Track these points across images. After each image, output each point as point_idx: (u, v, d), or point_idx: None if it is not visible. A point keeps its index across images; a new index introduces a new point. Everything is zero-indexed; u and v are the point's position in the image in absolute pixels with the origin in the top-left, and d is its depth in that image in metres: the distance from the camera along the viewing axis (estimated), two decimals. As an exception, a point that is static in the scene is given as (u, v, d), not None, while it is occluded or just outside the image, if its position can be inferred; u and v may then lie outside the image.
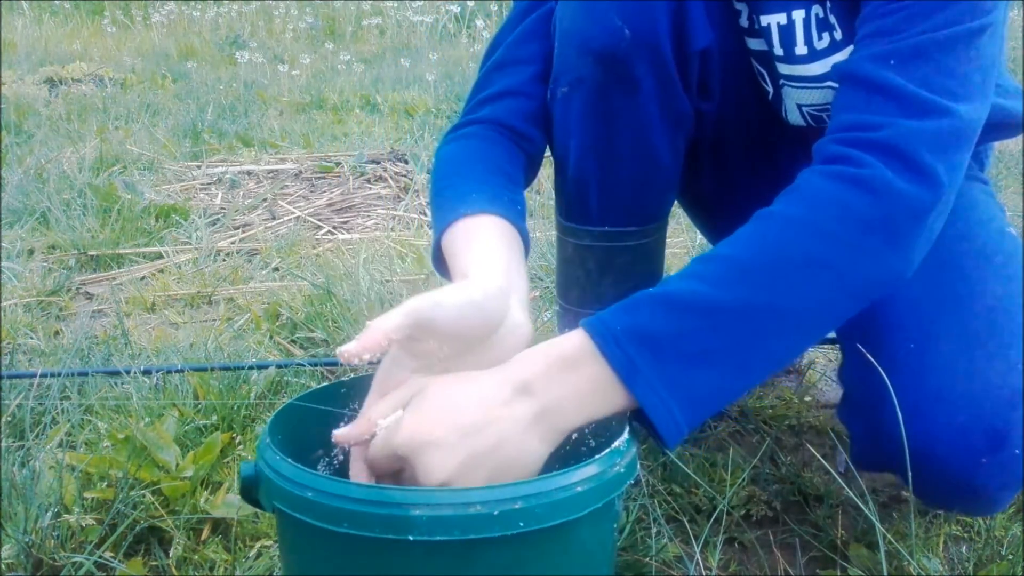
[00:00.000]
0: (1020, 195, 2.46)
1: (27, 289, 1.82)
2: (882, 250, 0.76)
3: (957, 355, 0.83)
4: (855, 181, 0.76)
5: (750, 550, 1.03)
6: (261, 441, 0.71)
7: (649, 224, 1.07)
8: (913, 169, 0.76)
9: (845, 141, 0.78)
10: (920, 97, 0.77)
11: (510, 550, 0.63)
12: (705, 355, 0.71)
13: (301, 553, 0.69)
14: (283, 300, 1.72)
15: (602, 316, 0.73)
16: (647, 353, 0.70)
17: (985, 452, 0.80)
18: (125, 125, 3.45)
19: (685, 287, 0.73)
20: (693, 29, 0.94)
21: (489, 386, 0.70)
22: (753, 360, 0.75)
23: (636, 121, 0.97)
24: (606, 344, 0.71)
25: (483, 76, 1.03)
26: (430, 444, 0.67)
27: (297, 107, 4.01)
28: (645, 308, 0.72)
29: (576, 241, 1.07)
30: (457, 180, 0.91)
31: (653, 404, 0.70)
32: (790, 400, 1.33)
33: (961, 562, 0.98)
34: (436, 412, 0.69)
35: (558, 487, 0.63)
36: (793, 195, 0.78)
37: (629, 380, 0.70)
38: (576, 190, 1.04)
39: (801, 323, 0.76)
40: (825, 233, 0.75)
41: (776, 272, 0.74)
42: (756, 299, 0.73)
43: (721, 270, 0.74)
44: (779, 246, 0.75)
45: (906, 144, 0.76)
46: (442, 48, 5.72)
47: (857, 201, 0.75)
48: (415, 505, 0.60)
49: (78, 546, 0.97)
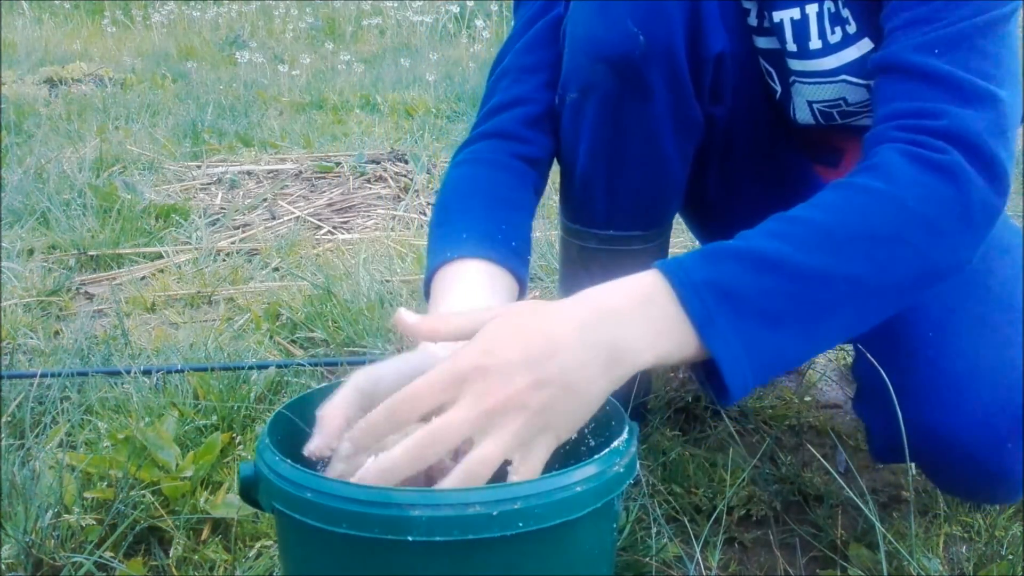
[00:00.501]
0: (1020, 195, 2.46)
1: (27, 289, 1.82)
2: (959, 235, 0.76)
3: (976, 342, 0.83)
4: (936, 166, 0.75)
5: (750, 550, 1.03)
6: (260, 442, 0.70)
7: (654, 228, 1.07)
8: (981, 159, 0.76)
9: (910, 128, 0.78)
10: (969, 83, 0.77)
11: (509, 550, 0.63)
12: (781, 317, 0.70)
13: (300, 554, 0.69)
14: (283, 300, 1.72)
15: (682, 262, 0.71)
16: (727, 308, 0.69)
17: (1009, 437, 0.80)
18: (125, 125, 3.45)
19: (770, 246, 0.71)
20: (708, 34, 0.94)
21: (560, 314, 0.67)
22: (825, 328, 0.74)
23: (647, 129, 0.97)
24: (685, 293, 0.69)
25: (491, 85, 1.03)
26: (494, 366, 0.64)
27: (297, 107, 4.01)
28: (728, 262, 0.70)
29: (580, 243, 1.07)
30: (454, 216, 0.91)
31: (726, 359, 0.68)
32: (790, 400, 1.33)
33: (961, 562, 0.98)
34: (507, 336, 0.66)
35: (557, 487, 0.63)
36: (875, 170, 0.76)
37: (705, 332, 0.68)
38: (582, 194, 1.03)
39: (876, 297, 0.75)
40: (909, 211, 0.74)
41: (860, 243, 0.73)
42: (838, 267, 0.72)
43: (806, 233, 0.73)
44: (864, 217, 0.74)
45: (972, 134, 0.76)
46: (442, 48, 5.72)
47: (940, 185, 0.75)
48: (414, 506, 0.60)
49: (78, 546, 0.97)
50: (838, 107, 0.97)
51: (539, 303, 0.70)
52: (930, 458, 0.85)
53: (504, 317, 0.68)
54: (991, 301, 0.86)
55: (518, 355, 0.64)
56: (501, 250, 0.86)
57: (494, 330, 0.66)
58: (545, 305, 0.69)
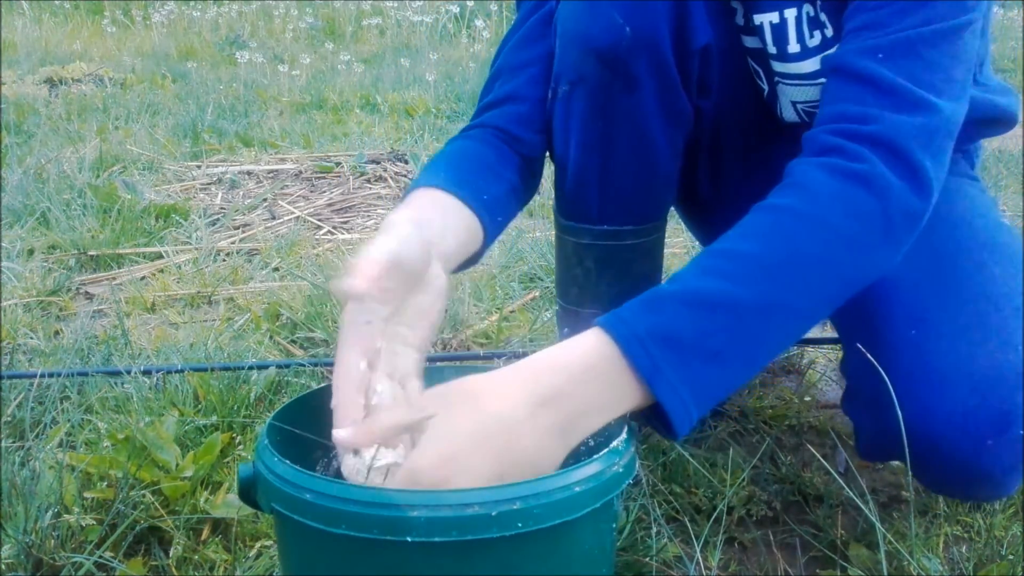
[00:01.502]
0: (1020, 195, 2.46)
1: (27, 289, 1.82)
2: (879, 245, 0.78)
3: (957, 339, 0.84)
4: (855, 177, 0.77)
5: (750, 550, 1.03)
6: (259, 443, 0.70)
7: (648, 223, 1.07)
8: (905, 165, 0.77)
9: (837, 132, 0.80)
10: (907, 91, 0.79)
11: (509, 551, 0.63)
12: (722, 353, 0.73)
13: (300, 554, 0.69)
14: (283, 300, 1.72)
15: (622, 316, 0.73)
16: (671, 354, 0.71)
17: (990, 434, 0.80)
18: (125, 125, 3.45)
19: (706, 285, 0.74)
20: (693, 27, 0.95)
21: (511, 405, 0.69)
22: (761, 354, 0.77)
23: (636, 119, 0.98)
24: (630, 347, 0.71)
25: (486, 83, 1.05)
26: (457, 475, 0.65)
27: (297, 107, 4.01)
28: (668, 307, 0.73)
29: (575, 240, 1.07)
30: (439, 165, 0.93)
31: (672, 403, 0.71)
32: (790, 400, 1.33)
33: (961, 562, 0.98)
34: (459, 441, 0.67)
35: (556, 487, 0.63)
36: (796, 189, 0.79)
37: (652, 382, 0.70)
38: (576, 188, 1.04)
39: (808, 317, 0.78)
40: (834, 230, 0.76)
41: (789, 269, 0.75)
42: (772, 297, 0.74)
43: (739, 267, 0.75)
44: (793, 243, 0.76)
45: (898, 139, 0.77)
46: (442, 48, 5.72)
47: (860, 197, 0.77)
48: (413, 506, 0.60)
49: (78, 546, 0.97)
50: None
51: (474, 388, 0.70)
52: (914, 457, 0.85)
53: (448, 415, 0.68)
54: (978, 301, 0.86)
55: (478, 462, 0.66)
56: (469, 194, 0.88)
57: (448, 430, 0.67)
58: (486, 392, 0.70)
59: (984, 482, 0.85)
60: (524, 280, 1.86)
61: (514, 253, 1.96)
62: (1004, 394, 0.80)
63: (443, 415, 0.68)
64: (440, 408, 0.68)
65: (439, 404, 0.69)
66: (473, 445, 0.67)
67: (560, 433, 0.70)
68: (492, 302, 1.74)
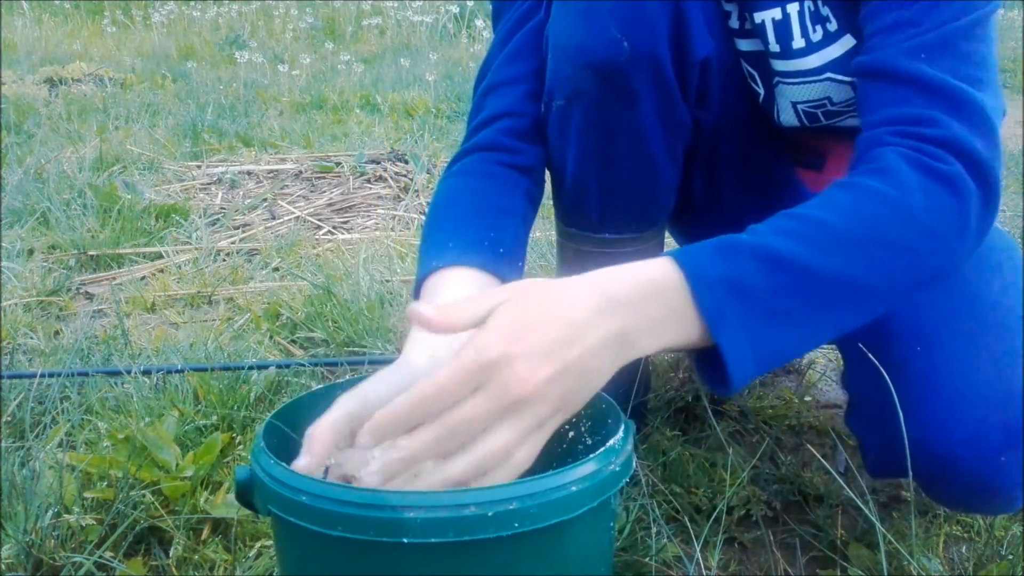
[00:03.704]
0: (1020, 195, 2.46)
1: (27, 289, 1.82)
2: (955, 246, 0.77)
3: (966, 355, 0.83)
4: (940, 176, 0.76)
5: (750, 550, 1.03)
6: (255, 445, 0.70)
7: (648, 230, 1.07)
8: (982, 174, 0.77)
9: (908, 135, 0.78)
10: (960, 92, 0.78)
11: (505, 551, 0.63)
12: (788, 314, 0.71)
13: (296, 556, 0.69)
14: (283, 300, 1.72)
15: (696, 256, 0.71)
16: (738, 304, 0.70)
17: (1003, 450, 0.80)
18: (125, 125, 3.45)
19: (783, 244, 0.72)
20: (693, 39, 0.94)
21: (574, 299, 0.68)
22: (825, 326, 0.75)
23: (636, 133, 0.97)
24: (699, 288, 0.69)
25: (476, 102, 1.03)
26: (521, 355, 0.64)
27: (297, 107, 4.01)
28: (742, 257, 0.71)
29: (576, 246, 1.07)
30: (442, 225, 0.91)
31: (732, 352, 0.69)
32: (790, 400, 1.33)
33: (961, 562, 0.98)
34: (525, 323, 0.66)
35: (553, 487, 0.63)
36: (883, 174, 0.77)
37: (715, 326, 0.69)
38: (576, 200, 1.04)
39: (872, 298, 0.76)
40: (915, 220, 0.75)
41: (867, 247, 0.74)
42: (844, 270, 0.73)
43: (818, 234, 0.73)
44: (874, 222, 0.75)
45: (971, 147, 0.77)
46: (442, 48, 5.72)
47: (944, 196, 0.76)
48: (409, 508, 0.60)
49: (78, 546, 0.97)
50: (823, 107, 0.97)
51: (545, 284, 0.69)
52: (924, 474, 0.84)
53: (516, 301, 0.67)
54: (983, 316, 0.86)
55: (540, 344, 0.65)
56: (487, 256, 0.86)
57: (512, 316, 0.66)
58: (554, 287, 0.69)
59: (996, 497, 0.84)
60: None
61: (514, 253, 1.96)
62: (1015, 409, 0.80)
63: (512, 301, 0.67)
64: (509, 297, 0.68)
65: (508, 294, 0.68)
66: (537, 332, 0.65)
67: (615, 342, 0.68)
68: (492, 302, 1.73)
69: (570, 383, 0.66)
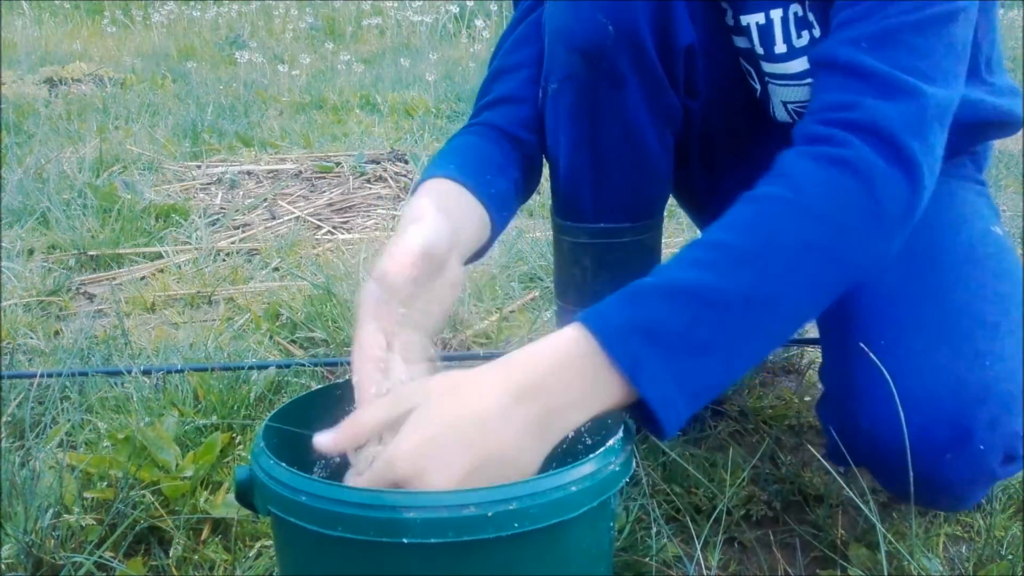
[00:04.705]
0: (1020, 195, 2.46)
1: (27, 289, 1.82)
2: (870, 233, 0.77)
3: (925, 350, 0.84)
4: (840, 162, 0.76)
5: (750, 550, 1.03)
6: (255, 445, 0.71)
7: (644, 220, 1.07)
8: (892, 150, 0.76)
9: (824, 121, 0.79)
10: (892, 77, 0.78)
11: (505, 551, 0.63)
12: (709, 345, 0.70)
13: (296, 557, 0.69)
14: (283, 300, 1.72)
15: (601, 310, 0.71)
16: (652, 348, 0.69)
17: (949, 448, 0.80)
18: (125, 125, 3.45)
19: (687, 276, 0.72)
20: (676, 27, 0.96)
21: (486, 395, 0.68)
22: (752, 347, 0.75)
23: (623, 116, 0.99)
24: (610, 341, 0.69)
25: (483, 85, 1.05)
26: (433, 467, 0.65)
27: (297, 107, 4.01)
28: (647, 300, 0.71)
29: (572, 239, 1.08)
30: (447, 157, 0.94)
31: (658, 399, 0.69)
32: (790, 400, 1.33)
33: (961, 562, 0.98)
34: (437, 429, 0.66)
35: (553, 487, 0.63)
36: (781, 178, 0.77)
37: (635, 377, 0.68)
38: (569, 187, 1.04)
39: (797, 308, 0.76)
40: (818, 216, 0.75)
41: (773, 258, 0.73)
42: (759, 287, 0.72)
43: (721, 257, 0.73)
44: (776, 231, 0.74)
45: (883, 124, 0.76)
46: (442, 48, 5.72)
47: (844, 183, 0.75)
48: (409, 508, 0.60)
49: (78, 546, 0.97)
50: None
51: (456, 381, 0.69)
52: (875, 465, 0.85)
53: (428, 405, 0.68)
54: (949, 313, 0.86)
55: (453, 451, 0.65)
56: (479, 183, 0.89)
57: (422, 423, 0.67)
58: (465, 384, 0.69)
59: (945, 493, 0.85)
60: (524, 280, 1.86)
61: (514, 253, 1.96)
62: (965, 408, 0.80)
63: (422, 407, 0.67)
64: (420, 401, 0.68)
65: (419, 397, 0.69)
66: (449, 438, 0.66)
67: (537, 428, 0.68)
68: (492, 302, 1.74)
69: (491, 475, 0.66)
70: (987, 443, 0.81)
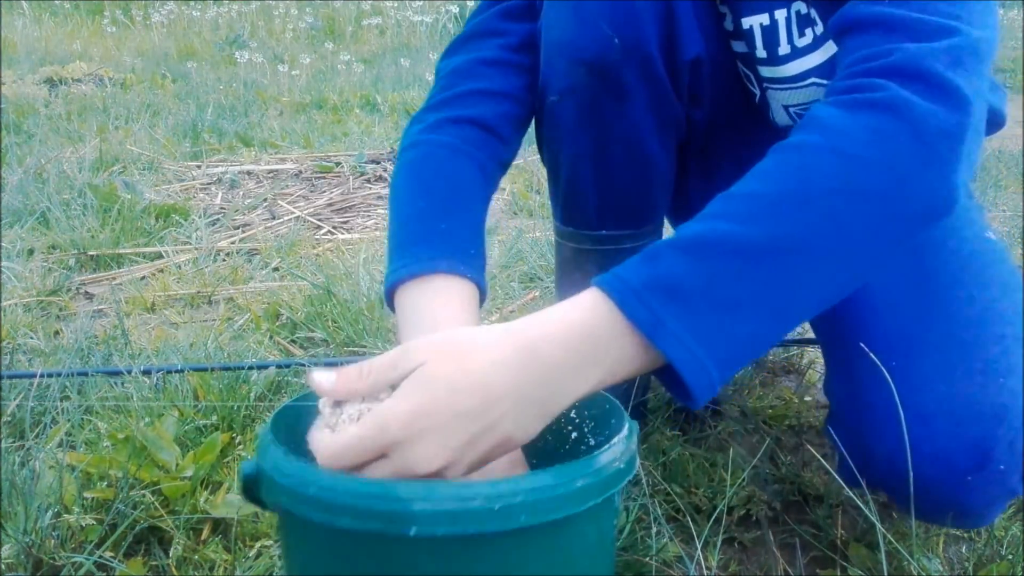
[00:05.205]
0: (1020, 195, 2.46)
1: (27, 289, 1.82)
2: (917, 170, 0.68)
3: (939, 371, 0.81)
4: (871, 104, 0.69)
5: (750, 550, 1.03)
6: (263, 439, 0.70)
7: (646, 226, 1.07)
8: (934, 86, 0.69)
9: (855, 73, 0.72)
10: (923, 21, 0.72)
11: (511, 544, 0.63)
12: (736, 300, 0.64)
13: (303, 550, 0.69)
14: (283, 300, 1.72)
15: (617, 272, 0.66)
16: (673, 305, 0.63)
17: (969, 470, 0.79)
18: (125, 125, 3.45)
19: (708, 228, 0.66)
20: (683, 38, 0.94)
21: (494, 364, 0.63)
22: (791, 302, 0.67)
23: (629, 128, 0.97)
24: (625, 301, 0.64)
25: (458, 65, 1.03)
26: (425, 434, 0.62)
27: (297, 107, 4.01)
28: (666, 256, 0.65)
29: (574, 245, 1.08)
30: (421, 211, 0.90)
31: (684, 360, 0.63)
32: (790, 400, 1.33)
33: (961, 562, 0.98)
34: (435, 398, 0.62)
35: (559, 482, 0.63)
36: (809, 126, 0.71)
37: (656, 337, 0.63)
38: (572, 197, 1.04)
39: (840, 257, 0.68)
40: (854, 157, 0.67)
41: (807, 202, 0.66)
42: (790, 233, 0.65)
43: (746, 206, 0.67)
44: (808, 174, 0.67)
45: (921, 63, 0.70)
46: (442, 48, 5.71)
47: (883, 123, 0.68)
48: (416, 499, 0.60)
49: (78, 546, 0.97)
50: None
51: (466, 342, 0.65)
52: (893, 489, 0.83)
53: (431, 366, 0.63)
54: (958, 330, 0.84)
55: (449, 419, 0.62)
56: (465, 260, 0.86)
57: (424, 385, 0.63)
58: (475, 348, 0.64)
59: (966, 514, 0.84)
60: (524, 280, 1.86)
61: (514, 253, 1.96)
62: (983, 429, 0.79)
63: (425, 369, 0.63)
64: (424, 359, 0.64)
65: (424, 355, 0.64)
66: (447, 405, 0.62)
67: (539, 405, 0.64)
68: (492, 302, 1.74)
69: (487, 446, 0.63)
70: (1007, 462, 0.79)
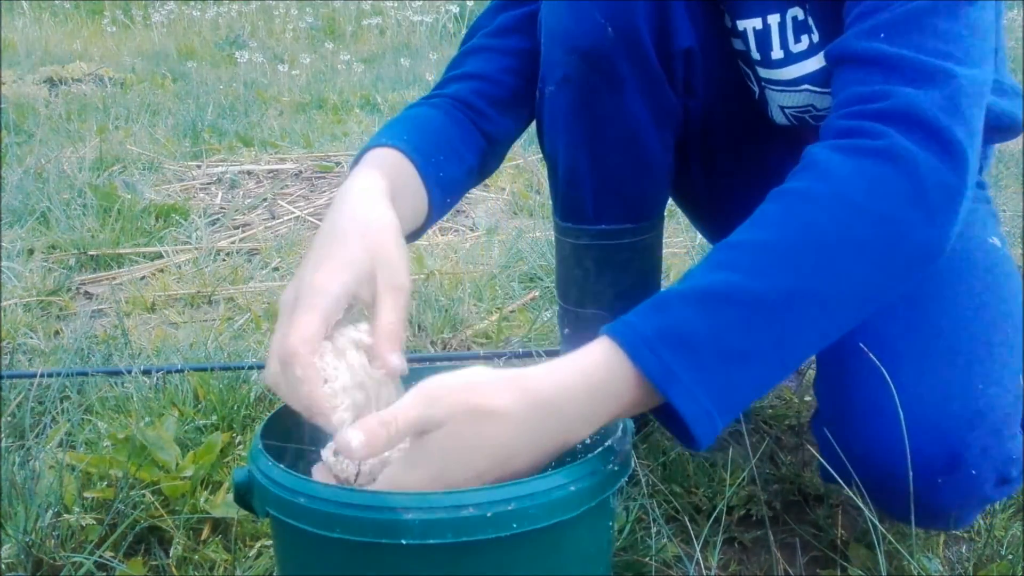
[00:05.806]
0: (1020, 195, 2.46)
1: (27, 289, 1.82)
2: (914, 220, 0.71)
3: (920, 374, 0.82)
4: (875, 153, 0.71)
5: (750, 550, 1.03)
6: (253, 446, 0.70)
7: (645, 221, 1.07)
8: (930, 135, 0.71)
9: (852, 115, 0.74)
10: (919, 62, 0.74)
11: (504, 552, 0.63)
12: (742, 351, 0.67)
13: (295, 558, 0.69)
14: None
15: (628, 320, 0.68)
16: (684, 357, 0.65)
17: (941, 473, 0.79)
18: (125, 125, 3.45)
19: (717, 279, 0.68)
20: (675, 28, 0.95)
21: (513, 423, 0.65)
22: (791, 349, 0.70)
23: (623, 117, 0.98)
24: (639, 352, 0.65)
25: (457, 58, 1.04)
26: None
27: (297, 107, 4.01)
28: (678, 306, 0.67)
29: (573, 241, 1.08)
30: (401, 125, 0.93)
31: (693, 412, 0.65)
32: (790, 400, 1.33)
33: (961, 562, 0.98)
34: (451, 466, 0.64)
35: (551, 487, 0.63)
36: (811, 171, 0.73)
37: (666, 388, 0.65)
38: (569, 189, 1.04)
39: (840, 305, 0.71)
40: (857, 208, 0.70)
41: (812, 254, 0.69)
42: (796, 286, 0.68)
43: (752, 257, 0.69)
44: (809, 224, 0.70)
45: (918, 111, 0.72)
46: (442, 48, 5.72)
47: (881, 172, 0.70)
48: (407, 509, 0.60)
49: (78, 546, 0.97)
50: (808, 112, 0.98)
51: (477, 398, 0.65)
52: (869, 488, 0.84)
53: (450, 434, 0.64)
54: (942, 329, 0.84)
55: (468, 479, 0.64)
56: (432, 171, 0.88)
57: (442, 455, 0.64)
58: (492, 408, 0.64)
59: (936, 516, 0.84)
60: (524, 280, 1.86)
61: (514, 253, 1.96)
62: (958, 434, 0.79)
63: (442, 432, 0.64)
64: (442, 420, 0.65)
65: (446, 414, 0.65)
66: (465, 468, 0.64)
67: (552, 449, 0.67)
68: (492, 302, 1.74)
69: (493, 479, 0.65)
70: (979, 468, 0.79)
